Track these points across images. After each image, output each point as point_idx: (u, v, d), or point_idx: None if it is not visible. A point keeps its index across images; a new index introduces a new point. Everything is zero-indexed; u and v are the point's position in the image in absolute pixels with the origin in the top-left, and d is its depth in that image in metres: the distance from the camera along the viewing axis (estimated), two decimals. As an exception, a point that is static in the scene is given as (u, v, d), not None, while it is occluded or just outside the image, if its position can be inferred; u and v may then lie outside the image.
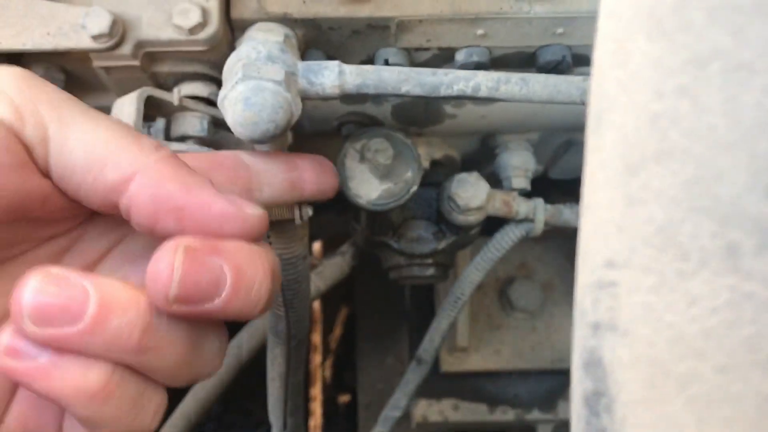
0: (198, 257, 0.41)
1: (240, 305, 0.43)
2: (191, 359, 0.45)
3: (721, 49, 0.22)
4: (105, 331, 0.40)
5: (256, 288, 0.43)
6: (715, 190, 0.23)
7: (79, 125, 0.42)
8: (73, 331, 0.39)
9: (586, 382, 0.28)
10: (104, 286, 0.40)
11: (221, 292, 0.42)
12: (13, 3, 0.57)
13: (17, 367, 0.40)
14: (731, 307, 0.23)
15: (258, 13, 0.62)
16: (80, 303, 0.39)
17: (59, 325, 0.39)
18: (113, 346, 0.40)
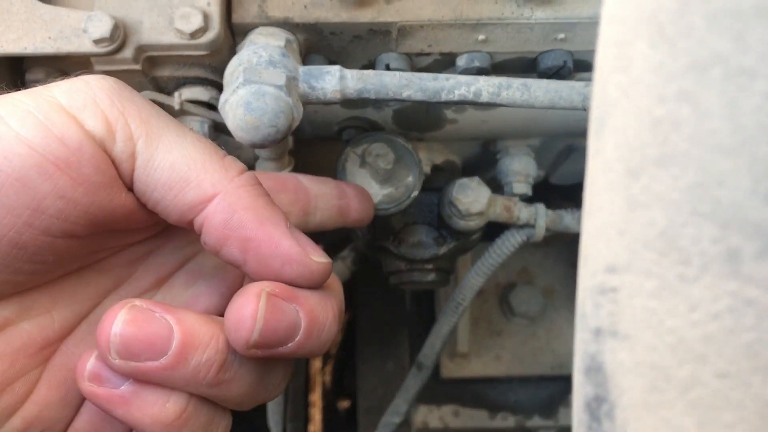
0: (278, 305, 0.43)
1: (310, 347, 0.45)
2: (260, 389, 0.47)
3: (722, 54, 0.22)
4: (186, 367, 0.42)
5: (325, 332, 0.45)
6: (716, 195, 0.23)
7: (165, 142, 0.43)
8: (156, 366, 0.41)
9: (587, 387, 0.27)
10: (186, 322, 0.42)
11: (296, 337, 0.44)
12: (15, 7, 0.57)
13: (99, 393, 0.43)
14: (732, 312, 0.23)
15: (259, 18, 0.62)
16: (164, 339, 0.41)
17: (143, 359, 0.41)
18: (192, 380, 0.43)
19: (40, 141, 0.39)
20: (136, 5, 0.59)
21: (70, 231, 0.42)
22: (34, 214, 0.40)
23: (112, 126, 0.41)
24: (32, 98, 0.40)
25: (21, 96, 0.41)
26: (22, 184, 0.39)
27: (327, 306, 0.46)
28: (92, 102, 0.41)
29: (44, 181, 0.39)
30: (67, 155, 0.40)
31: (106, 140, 0.41)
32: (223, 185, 0.43)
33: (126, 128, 0.42)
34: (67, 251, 0.43)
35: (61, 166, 0.40)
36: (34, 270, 0.43)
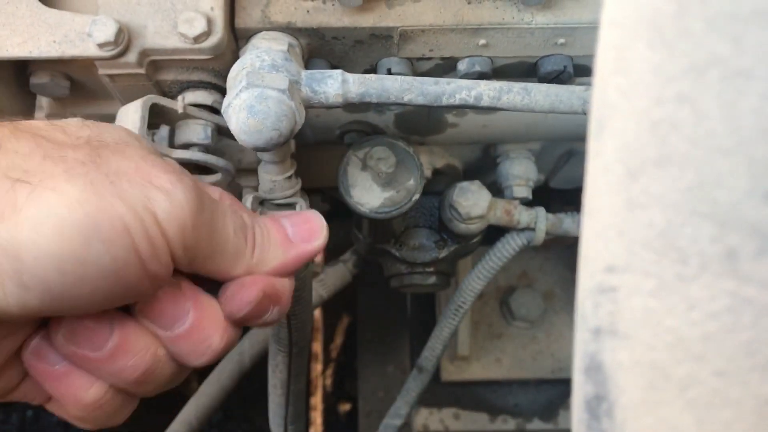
0: (175, 295, 0.52)
1: (186, 348, 0.53)
2: (164, 387, 0.55)
3: (719, 56, 0.23)
4: (113, 365, 0.50)
5: (206, 344, 0.53)
6: (714, 195, 0.23)
7: (217, 257, 0.52)
8: (90, 356, 0.49)
9: (587, 386, 0.28)
10: (126, 329, 0.50)
11: (176, 328, 0.52)
12: (20, 11, 0.58)
13: (37, 367, 0.50)
14: (730, 311, 0.24)
15: (262, 23, 0.63)
16: (103, 337, 0.49)
17: (82, 347, 0.49)
18: (116, 376, 0.51)
19: (149, 259, 0.46)
20: (140, 9, 0.60)
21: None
22: (113, 304, 0.48)
23: (187, 251, 0.49)
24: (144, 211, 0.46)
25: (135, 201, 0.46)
26: (125, 288, 0.46)
27: (218, 323, 0.53)
28: (182, 231, 0.48)
29: (137, 287, 0.47)
30: (158, 271, 0.47)
31: (180, 260, 0.49)
32: (249, 268, 0.54)
33: (194, 253, 0.50)
34: None
35: (151, 278, 0.47)
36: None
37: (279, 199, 0.67)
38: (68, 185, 0.44)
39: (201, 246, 0.50)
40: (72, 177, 0.45)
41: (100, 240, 0.44)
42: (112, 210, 0.44)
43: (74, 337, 0.49)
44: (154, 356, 0.51)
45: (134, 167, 0.48)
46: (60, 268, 0.43)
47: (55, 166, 0.45)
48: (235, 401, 1.70)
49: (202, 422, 1.15)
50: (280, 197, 0.67)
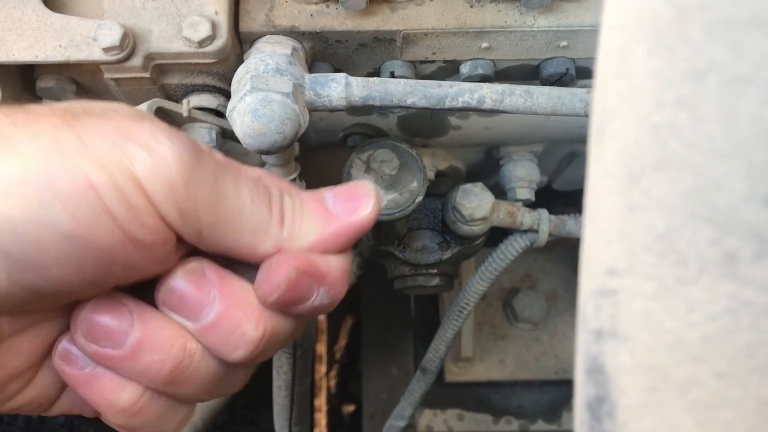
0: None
1: (216, 340, 0.48)
2: (217, 389, 0.51)
3: (718, 61, 0.23)
4: (137, 362, 0.46)
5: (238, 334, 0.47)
6: (713, 199, 0.23)
7: (229, 225, 0.46)
8: (112, 354, 0.46)
9: (588, 387, 0.28)
10: (149, 323, 0.46)
11: (202, 318, 0.47)
12: (26, 16, 0.58)
13: (66, 371, 0.47)
14: (729, 313, 0.24)
15: (266, 26, 0.63)
16: (123, 333, 0.46)
17: (103, 345, 0.46)
18: (143, 375, 0.47)
19: (124, 220, 0.41)
20: (145, 14, 0.60)
21: (121, 285, 0.46)
22: (101, 277, 0.44)
23: (184, 215, 0.44)
24: (117, 167, 0.41)
25: (105, 158, 0.41)
26: (102, 255, 0.42)
27: (251, 312, 0.48)
28: (169, 189, 0.43)
29: (120, 255, 0.42)
30: (144, 237, 0.43)
31: (175, 226, 0.44)
32: (280, 242, 0.48)
33: (195, 218, 0.44)
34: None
35: (137, 246, 0.43)
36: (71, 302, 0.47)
37: (283, 201, 0.67)
38: (29, 145, 0.41)
39: (204, 211, 0.44)
40: (35, 137, 0.41)
41: (56, 199, 0.40)
42: (73, 167, 0.40)
43: (93, 334, 0.46)
44: (183, 350, 0.47)
45: (114, 127, 0.43)
46: (13, 230, 0.39)
47: (22, 131, 0.42)
48: (240, 402, 1.70)
49: (207, 423, 1.15)
50: (284, 200, 0.67)
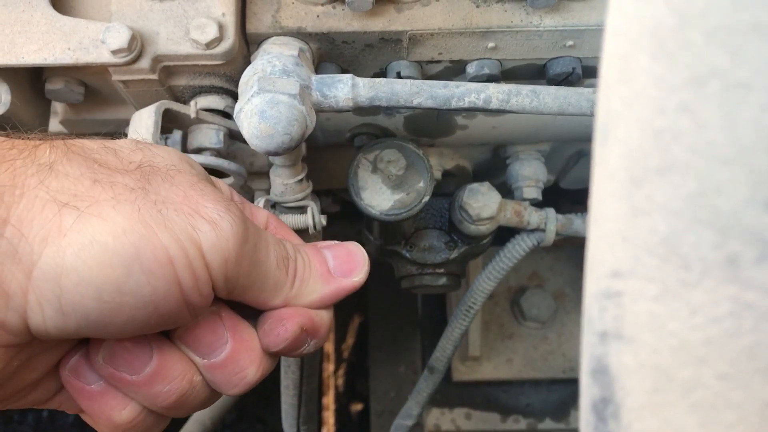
0: (214, 322, 0.52)
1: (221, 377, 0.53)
2: (194, 410, 0.56)
3: (719, 67, 0.23)
4: (151, 388, 0.50)
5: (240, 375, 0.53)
6: (715, 203, 0.24)
7: (256, 288, 0.52)
8: (128, 379, 0.50)
9: (593, 388, 0.28)
10: (165, 354, 0.51)
11: (213, 356, 0.52)
12: (35, 19, 0.59)
13: (74, 384, 0.51)
14: (732, 316, 0.24)
15: (273, 28, 0.63)
16: (143, 363, 0.50)
17: (121, 369, 0.50)
18: (151, 400, 0.51)
19: (189, 290, 0.46)
20: (153, 16, 0.61)
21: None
22: (149, 330, 0.48)
23: (228, 283, 0.49)
24: (189, 242, 0.46)
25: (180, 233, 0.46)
26: (162, 317, 0.47)
27: (255, 355, 0.54)
28: (224, 263, 0.47)
29: (176, 316, 0.47)
30: (198, 302, 0.47)
31: (220, 291, 0.49)
32: (287, 299, 0.54)
33: (235, 284, 0.49)
34: None
35: (190, 308, 0.47)
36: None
37: (290, 202, 0.68)
38: (114, 212, 0.44)
39: (242, 277, 0.50)
40: (119, 203, 0.45)
41: (141, 270, 0.44)
42: (157, 240, 0.44)
43: (114, 359, 0.49)
44: (190, 383, 0.52)
45: (183, 195, 0.48)
46: (99, 297, 0.43)
47: (103, 191, 0.45)
48: (249, 401, 1.71)
49: (216, 422, 1.16)
50: (291, 200, 0.67)
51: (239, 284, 0.50)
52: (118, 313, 0.44)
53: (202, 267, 0.46)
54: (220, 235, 0.47)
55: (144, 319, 0.46)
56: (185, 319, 0.49)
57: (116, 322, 0.45)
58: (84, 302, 0.43)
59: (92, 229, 0.43)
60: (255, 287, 0.52)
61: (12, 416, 1.79)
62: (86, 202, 0.44)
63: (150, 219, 0.45)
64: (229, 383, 0.53)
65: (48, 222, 0.43)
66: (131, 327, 0.46)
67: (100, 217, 0.44)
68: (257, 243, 0.51)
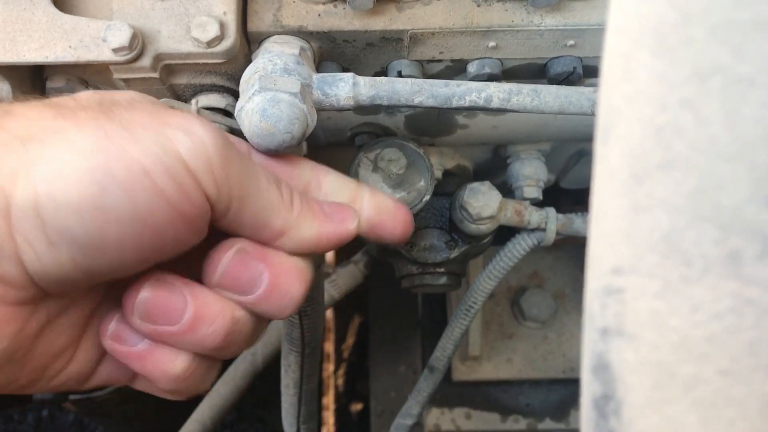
0: (244, 260, 0.52)
1: (268, 306, 0.53)
2: (246, 345, 0.56)
3: (721, 64, 0.23)
4: (194, 335, 0.50)
5: (287, 297, 0.53)
6: (717, 199, 0.24)
7: (251, 199, 0.50)
8: (170, 330, 0.50)
9: (594, 385, 0.28)
10: (200, 297, 0.50)
11: (256, 290, 0.52)
12: (36, 17, 0.59)
13: (119, 350, 0.51)
14: (733, 312, 0.24)
15: (274, 26, 0.63)
16: (179, 311, 0.50)
17: (160, 323, 0.50)
18: (198, 345, 0.51)
19: (175, 198, 0.45)
20: (154, 14, 0.61)
21: (165, 260, 0.49)
22: (153, 254, 0.47)
23: (220, 190, 0.48)
24: (163, 151, 0.45)
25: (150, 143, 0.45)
26: (157, 234, 0.46)
27: (294, 274, 0.53)
28: (209, 167, 0.47)
29: (172, 231, 0.46)
30: (191, 212, 0.47)
31: (213, 200, 0.48)
32: (288, 223, 0.53)
33: (228, 192, 0.48)
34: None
35: (185, 220, 0.47)
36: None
37: (291, 200, 0.67)
38: (80, 135, 0.44)
39: (234, 185, 0.48)
40: (83, 128, 0.44)
41: (116, 185, 0.43)
42: (127, 155, 0.44)
43: (150, 315, 0.49)
44: (233, 319, 0.52)
45: (148, 114, 0.47)
46: (80, 217, 0.43)
47: (66, 121, 0.45)
48: (249, 401, 1.71)
49: (216, 422, 1.16)
50: (292, 199, 0.67)
51: (235, 195, 0.49)
52: (106, 232, 0.44)
53: (184, 173, 0.45)
54: (196, 140, 0.46)
55: (138, 237, 0.45)
56: (187, 237, 0.48)
57: (110, 245, 0.44)
58: (68, 226, 0.43)
59: (59, 154, 0.43)
60: (251, 202, 0.50)
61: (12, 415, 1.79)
62: (49, 132, 0.44)
63: (117, 137, 0.44)
64: (279, 308, 0.53)
65: (13, 160, 0.43)
66: (131, 250, 0.45)
67: (66, 143, 0.43)
68: (240, 154, 0.50)
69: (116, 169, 0.43)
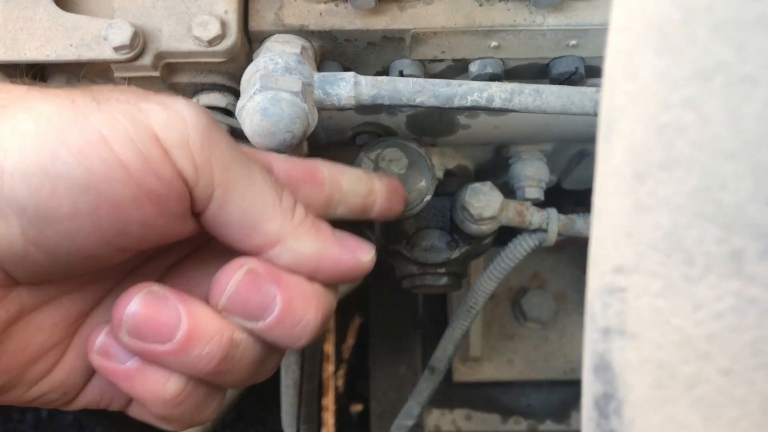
0: (255, 281, 0.47)
1: (281, 334, 0.48)
2: (253, 376, 0.51)
3: (724, 62, 0.23)
4: (187, 355, 0.46)
5: (301, 325, 0.48)
6: (719, 198, 0.24)
7: (239, 191, 0.46)
8: (160, 350, 0.45)
9: (596, 384, 0.28)
10: (196, 315, 0.46)
11: (267, 317, 0.47)
12: (37, 15, 0.59)
13: (106, 366, 0.47)
14: (735, 311, 0.24)
15: (275, 25, 0.63)
16: (171, 328, 0.45)
17: (150, 341, 0.45)
18: (192, 367, 0.46)
19: (139, 172, 0.42)
20: (155, 13, 0.60)
21: (139, 249, 0.46)
22: (117, 236, 0.43)
23: (198, 170, 0.44)
24: (130, 121, 0.42)
25: (118, 114, 0.42)
26: (117, 209, 0.42)
27: (311, 301, 0.48)
28: (185, 142, 0.43)
29: (135, 210, 0.42)
30: (159, 189, 0.43)
31: (190, 181, 0.44)
32: (284, 231, 0.47)
33: (209, 175, 0.44)
34: (125, 259, 0.47)
35: (152, 199, 0.43)
36: (92, 270, 0.47)
37: (292, 200, 0.67)
38: (44, 104, 0.42)
39: (218, 168, 0.44)
40: (50, 99, 0.42)
41: (68, 151, 0.40)
42: (86, 122, 0.41)
43: (139, 331, 0.45)
44: (231, 341, 0.47)
45: (129, 93, 0.45)
46: (28, 182, 0.40)
47: (37, 92, 0.43)
48: (248, 401, 1.71)
49: (216, 423, 1.16)
50: (293, 198, 0.67)
51: (219, 180, 0.45)
52: (55, 201, 0.40)
53: (152, 145, 0.42)
54: (172, 114, 0.43)
55: (93, 210, 0.41)
56: (160, 219, 0.44)
57: (61, 216, 0.41)
58: (15, 194, 0.40)
59: (14, 120, 0.41)
60: (239, 193, 0.46)
61: (11, 415, 1.79)
62: (14, 101, 0.42)
63: (83, 106, 0.42)
64: (292, 337, 0.48)
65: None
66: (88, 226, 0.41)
67: (27, 109, 0.41)
68: (231, 141, 0.46)
69: (70, 135, 0.41)
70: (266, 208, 0.47)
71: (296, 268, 0.48)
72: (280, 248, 0.48)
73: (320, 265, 0.49)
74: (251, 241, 0.48)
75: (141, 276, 0.52)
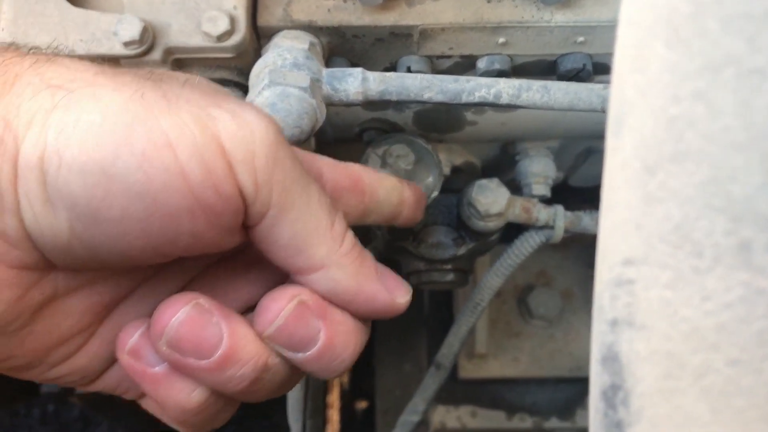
0: (304, 315, 0.46)
1: (318, 367, 0.48)
2: (275, 393, 0.50)
3: (734, 54, 0.23)
4: (221, 374, 0.45)
5: (338, 361, 0.48)
6: (728, 189, 0.24)
7: (293, 213, 0.44)
8: (196, 365, 0.44)
9: (603, 376, 0.29)
10: (237, 335, 0.45)
11: (308, 350, 0.46)
12: (48, 10, 0.59)
13: (134, 367, 0.46)
14: (744, 301, 0.24)
15: (284, 21, 0.64)
16: (212, 347, 0.44)
17: (187, 355, 0.44)
18: (222, 385, 0.46)
19: (199, 184, 0.40)
20: (165, 8, 0.61)
21: (183, 256, 0.45)
22: (165, 244, 0.42)
23: (259, 189, 0.42)
24: (199, 129, 0.40)
25: (188, 118, 0.40)
26: (170, 219, 0.40)
27: (351, 339, 0.48)
28: (251, 158, 0.41)
29: (188, 221, 0.41)
30: (216, 204, 0.41)
31: (248, 198, 0.42)
32: (330, 258, 0.46)
33: (268, 194, 0.43)
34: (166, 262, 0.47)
35: (207, 212, 0.41)
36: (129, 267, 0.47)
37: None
38: (113, 93, 0.39)
39: (277, 189, 0.43)
40: (121, 87, 0.40)
41: (131, 153, 0.38)
42: (155, 122, 0.39)
43: (179, 345, 0.44)
44: (265, 366, 0.46)
45: (199, 93, 0.43)
46: (84, 180, 0.38)
47: (106, 79, 0.40)
48: (254, 397, 1.71)
49: (222, 417, 1.16)
50: (301, 194, 0.67)
51: (275, 201, 0.43)
52: (109, 202, 0.39)
53: (218, 157, 0.40)
54: (243, 126, 0.41)
55: (145, 217, 0.39)
56: (211, 233, 0.42)
57: (112, 218, 0.39)
58: (69, 188, 0.38)
59: (81, 108, 0.39)
60: (293, 214, 0.44)
61: (17, 411, 1.79)
62: (82, 85, 0.40)
63: (153, 103, 0.40)
64: (327, 371, 0.47)
65: (35, 105, 0.39)
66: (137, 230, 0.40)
67: (94, 97, 0.39)
68: (295, 158, 0.44)
69: (136, 135, 0.39)
70: (317, 233, 0.46)
71: (332, 297, 0.47)
72: (322, 275, 0.46)
73: (356, 298, 0.48)
74: (294, 263, 0.46)
75: (176, 271, 0.51)
